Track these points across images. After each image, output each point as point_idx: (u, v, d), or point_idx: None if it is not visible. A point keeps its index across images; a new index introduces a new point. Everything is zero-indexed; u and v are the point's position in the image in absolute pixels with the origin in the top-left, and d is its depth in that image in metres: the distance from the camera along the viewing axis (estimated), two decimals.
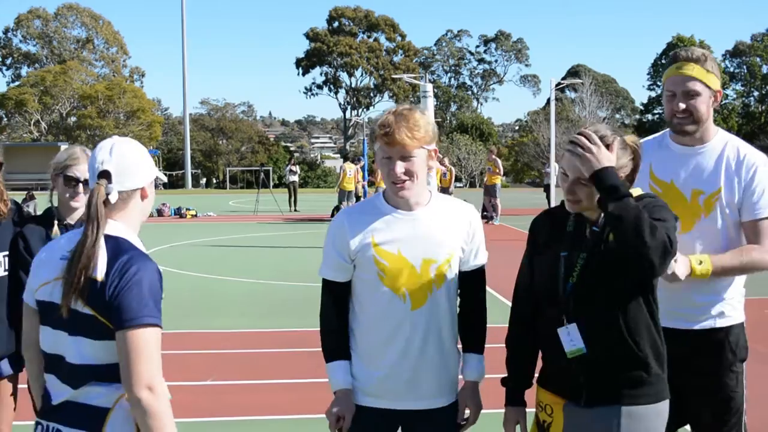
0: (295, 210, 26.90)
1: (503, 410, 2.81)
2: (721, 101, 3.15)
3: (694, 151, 3.11)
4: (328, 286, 2.82)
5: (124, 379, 2.20)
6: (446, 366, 2.79)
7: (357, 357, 2.79)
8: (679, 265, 2.82)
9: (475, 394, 2.84)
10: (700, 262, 2.91)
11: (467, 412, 2.83)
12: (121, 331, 2.20)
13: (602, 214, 2.56)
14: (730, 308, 3.08)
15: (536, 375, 2.80)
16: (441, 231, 2.73)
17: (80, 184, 3.46)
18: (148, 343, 2.20)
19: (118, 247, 2.29)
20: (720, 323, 3.05)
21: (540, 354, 2.77)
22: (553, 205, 23.39)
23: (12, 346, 3.45)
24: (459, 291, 2.84)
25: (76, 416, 2.29)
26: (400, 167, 2.63)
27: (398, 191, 2.68)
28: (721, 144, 3.11)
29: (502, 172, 22.01)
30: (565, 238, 2.64)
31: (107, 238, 2.30)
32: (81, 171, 3.43)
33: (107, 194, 2.31)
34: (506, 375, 2.79)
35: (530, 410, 2.78)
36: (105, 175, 2.32)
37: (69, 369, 2.30)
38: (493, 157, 22.68)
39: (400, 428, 2.81)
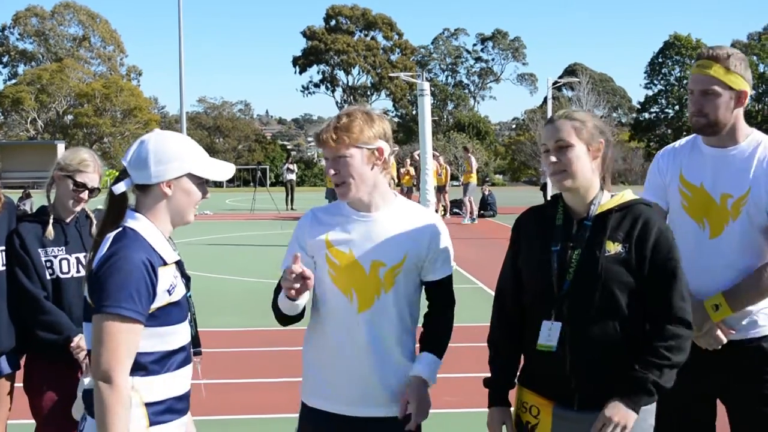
0: (292, 208, 26.88)
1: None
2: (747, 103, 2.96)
3: (724, 153, 2.96)
4: None
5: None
6: (396, 375, 2.69)
7: (308, 361, 2.76)
8: (705, 339, 2.85)
9: (420, 392, 2.62)
10: (716, 307, 2.86)
11: (409, 408, 2.59)
12: (93, 317, 2.23)
13: (591, 206, 2.54)
14: (764, 318, 2.96)
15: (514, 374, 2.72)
16: (396, 235, 2.68)
17: (86, 191, 3.45)
18: (108, 332, 2.19)
19: (120, 237, 2.30)
20: (753, 334, 2.95)
21: (523, 352, 2.69)
22: None
23: (11, 342, 3.43)
24: (428, 301, 2.79)
25: (92, 407, 2.31)
26: (331, 169, 2.63)
27: (338, 193, 2.67)
28: (753, 145, 2.95)
29: (474, 170, 22.33)
30: (555, 233, 2.58)
31: (123, 228, 2.32)
32: (90, 179, 3.43)
33: (115, 186, 2.36)
34: (489, 376, 2.71)
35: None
36: (123, 167, 2.38)
37: (90, 354, 2.36)
38: (468, 155, 23.01)
39: None
